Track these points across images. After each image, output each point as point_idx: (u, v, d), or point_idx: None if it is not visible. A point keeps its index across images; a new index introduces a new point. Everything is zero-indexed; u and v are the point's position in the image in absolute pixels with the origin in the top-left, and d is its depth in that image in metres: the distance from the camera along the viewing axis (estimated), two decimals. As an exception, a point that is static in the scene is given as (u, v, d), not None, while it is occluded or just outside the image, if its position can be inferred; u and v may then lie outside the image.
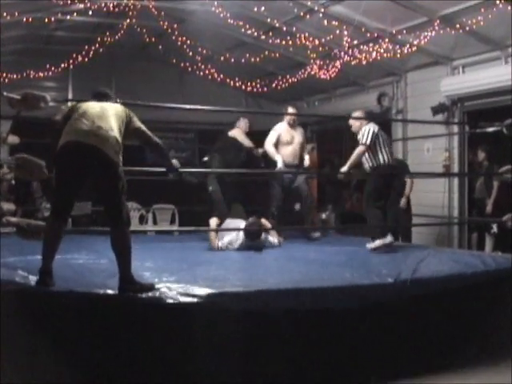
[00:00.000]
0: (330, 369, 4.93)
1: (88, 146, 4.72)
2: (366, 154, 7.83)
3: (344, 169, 7.87)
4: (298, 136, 9.11)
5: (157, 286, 4.82)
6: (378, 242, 7.50)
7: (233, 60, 11.82)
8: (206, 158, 9.42)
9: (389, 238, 7.51)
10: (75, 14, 10.22)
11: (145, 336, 4.50)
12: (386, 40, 9.74)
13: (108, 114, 4.95)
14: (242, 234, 7.73)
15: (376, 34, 9.80)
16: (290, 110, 9.25)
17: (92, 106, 5.01)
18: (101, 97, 5.28)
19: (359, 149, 7.81)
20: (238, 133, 9.46)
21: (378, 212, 7.72)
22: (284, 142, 9.00)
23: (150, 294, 4.63)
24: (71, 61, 11.70)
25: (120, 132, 4.93)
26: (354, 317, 5.11)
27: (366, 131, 7.82)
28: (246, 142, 9.41)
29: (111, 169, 4.77)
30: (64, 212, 4.89)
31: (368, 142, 7.75)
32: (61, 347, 4.44)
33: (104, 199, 4.89)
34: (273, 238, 8.07)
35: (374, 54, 9.98)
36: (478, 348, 5.54)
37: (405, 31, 9.46)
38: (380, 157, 7.80)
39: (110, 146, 4.77)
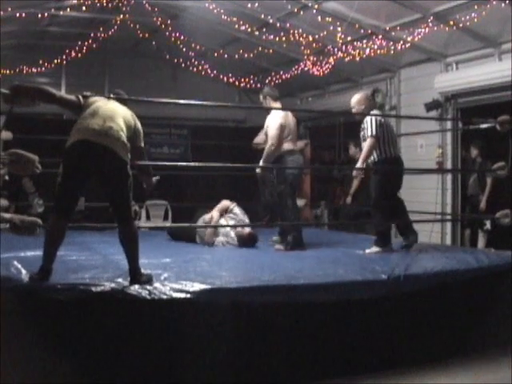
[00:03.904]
0: (323, 364, 4.95)
1: (99, 146, 4.79)
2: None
3: (359, 165, 7.18)
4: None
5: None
6: (375, 249, 7.15)
7: (226, 56, 11.83)
8: None
9: (386, 249, 7.13)
10: (68, 9, 10.20)
11: (139, 332, 4.51)
12: (380, 36, 9.75)
13: (118, 116, 5.03)
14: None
15: (370, 31, 9.81)
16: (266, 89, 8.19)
17: (103, 106, 5.08)
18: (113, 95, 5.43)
19: (369, 142, 7.07)
20: None
21: (387, 214, 7.24)
22: None
23: (143, 290, 4.63)
24: (64, 56, 11.70)
25: (127, 135, 5.02)
26: (347, 313, 5.13)
27: (368, 123, 7.13)
28: None
29: (121, 167, 4.87)
30: (69, 210, 4.91)
31: (375, 132, 7.07)
32: (56, 345, 4.44)
33: (113, 196, 4.95)
34: None
35: (367, 50, 10.00)
36: (472, 345, 5.57)
37: (398, 28, 9.47)
38: (387, 148, 7.19)
39: (120, 145, 4.87)
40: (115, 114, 5.06)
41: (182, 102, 7.38)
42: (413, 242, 7.30)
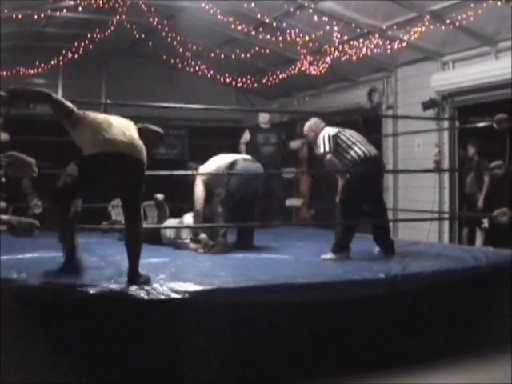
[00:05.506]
0: (320, 363, 4.95)
1: (132, 158, 4.92)
2: (338, 162, 6.91)
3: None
4: None
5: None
6: (329, 255, 6.60)
7: (223, 56, 11.80)
8: None
9: (341, 256, 6.56)
10: (65, 10, 10.18)
11: (137, 332, 4.51)
12: (376, 36, 9.75)
13: (129, 126, 5.17)
14: None
15: (366, 30, 9.80)
16: None
17: (106, 118, 5.11)
18: None
19: (326, 159, 6.88)
20: None
21: (352, 226, 6.75)
22: None
23: (142, 290, 4.62)
24: (61, 57, 11.68)
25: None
26: (345, 312, 5.13)
27: (321, 141, 6.91)
28: None
29: (143, 175, 5.04)
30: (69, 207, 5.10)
31: (328, 148, 6.83)
32: (56, 345, 4.44)
33: (128, 199, 5.10)
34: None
35: (364, 49, 9.99)
36: (471, 344, 5.57)
37: (395, 27, 9.47)
38: (351, 154, 6.79)
39: (144, 154, 5.02)
40: (124, 122, 5.17)
41: (178, 105, 7.30)
42: (389, 256, 6.74)
